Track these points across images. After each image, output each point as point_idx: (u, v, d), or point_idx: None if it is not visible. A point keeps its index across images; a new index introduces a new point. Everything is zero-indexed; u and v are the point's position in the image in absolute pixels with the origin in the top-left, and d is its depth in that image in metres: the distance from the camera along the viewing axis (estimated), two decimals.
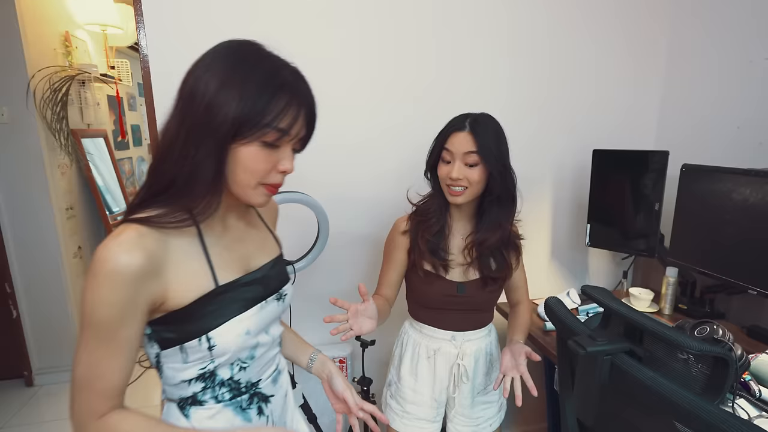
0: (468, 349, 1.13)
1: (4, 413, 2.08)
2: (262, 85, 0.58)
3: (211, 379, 0.67)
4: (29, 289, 2.19)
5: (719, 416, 0.60)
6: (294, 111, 0.60)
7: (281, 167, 0.63)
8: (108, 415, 0.59)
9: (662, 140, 1.66)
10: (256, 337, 0.69)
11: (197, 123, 0.58)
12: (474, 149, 0.99)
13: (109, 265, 0.54)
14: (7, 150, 2.04)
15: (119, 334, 0.57)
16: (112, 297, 0.55)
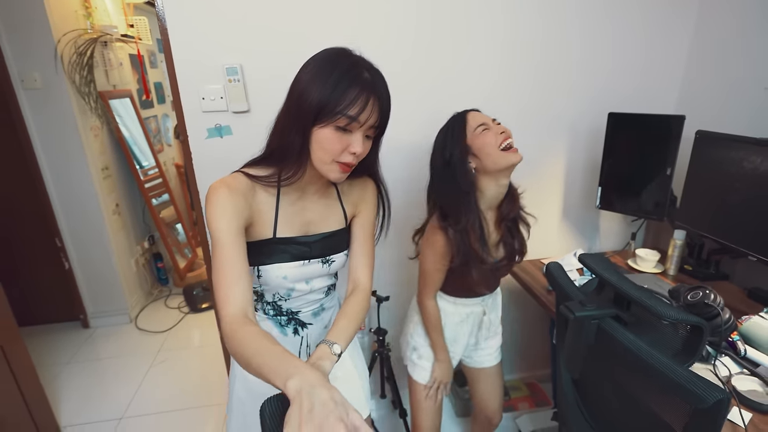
0: (491, 304, 1.29)
1: (67, 351, 2.37)
2: (339, 79, 0.72)
3: (260, 297, 0.93)
4: (77, 243, 2.39)
5: (684, 376, 0.68)
6: (363, 101, 0.72)
7: (352, 149, 0.76)
8: (240, 321, 0.67)
9: (684, 104, 1.62)
10: (293, 283, 0.89)
11: (292, 110, 0.76)
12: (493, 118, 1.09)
13: (218, 189, 0.76)
14: (44, 115, 2.15)
15: (236, 237, 0.74)
16: (224, 211, 0.74)
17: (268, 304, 0.94)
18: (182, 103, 1.35)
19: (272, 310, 0.94)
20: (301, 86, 0.74)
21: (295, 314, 0.96)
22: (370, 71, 0.75)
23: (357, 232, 0.95)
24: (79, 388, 2.07)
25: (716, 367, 1.01)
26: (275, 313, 0.95)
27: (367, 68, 0.75)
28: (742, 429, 0.86)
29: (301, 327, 0.97)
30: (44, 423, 1.71)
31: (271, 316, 0.95)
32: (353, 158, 0.77)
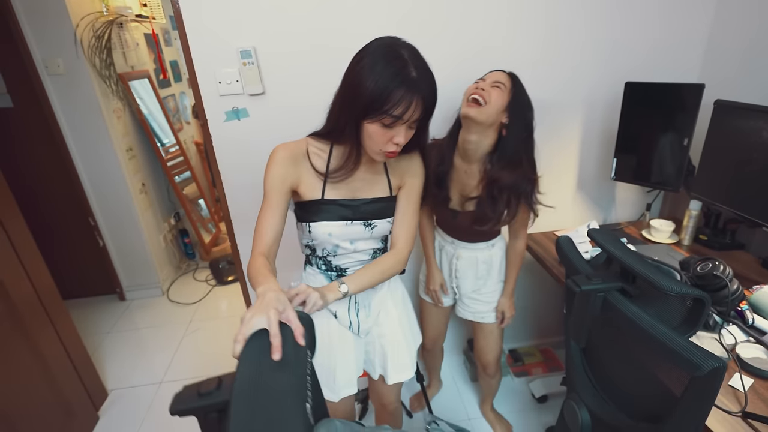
0: (463, 254, 1.39)
1: (106, 322, 2.55)
2: (387, 81, 0.80)
3: (313, 252, 1.07)
4: (109, 222, 2.52)
5: (682, 346, 0.72)
6: (407, 102, 0.81)
7: (395, 140, 0.87)
8: (257, 256, 0.88)
9: (706, 74, 1.57)
10: (338, 241, 1.01)
11: (346, 101, 0.86)
12: (504, 80, 1.15)
13: (276, 152, 0.94)
14: (69, 100, 2.23)
15: (275, 198, 0.92)
16: (274, 170, 0.93)
17: (320, 259, 1.07)
18: (200, 89, 1.39)
19: (324, 265, 1.07)
20: (355, 80, 0.83)
21: (344, 271, 1.07)
22: (417, 68, 0.81)
23: (402, 201, 1.05)
24: (120, 356, 2.24)
25: (722, 335, 1.04)
26: (326, 269, 1.08)
27: (415, 66, 0.81)
28: (742, 393, 0.90)
29: None
30: (93, 387, 1.88)
31: (323, 271, 1.08)
32: (397, 148, 0.88)
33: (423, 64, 0.84)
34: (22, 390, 1.46)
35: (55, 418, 1.61)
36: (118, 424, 1.85)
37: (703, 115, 1.33)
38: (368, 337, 1.15)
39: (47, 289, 1.64)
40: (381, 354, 1.16)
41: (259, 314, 0.66)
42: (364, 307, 1.11)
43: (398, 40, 0.85)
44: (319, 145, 0.97)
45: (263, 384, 0.56)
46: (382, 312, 1.14)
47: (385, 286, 1.14)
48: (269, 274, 0.82)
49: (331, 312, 1.10)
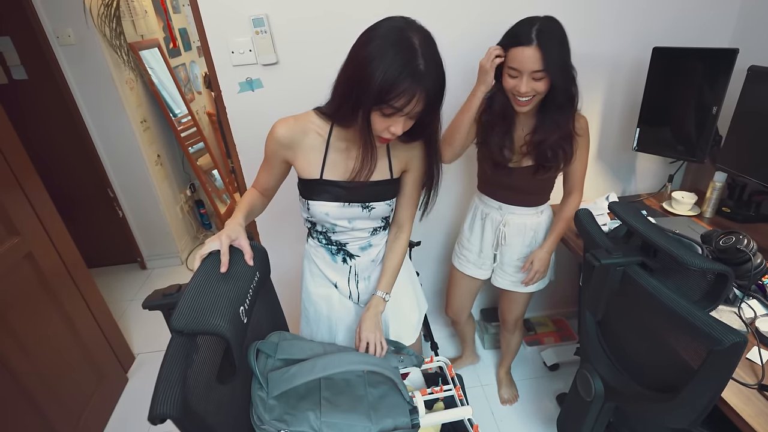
0: (511, 221, 1.36)
1: (129, 290, 2.65)
2: (394, 72, 0.77)
3: (313, 226, 1.08)
4: (127, 193, 2.56)
5: (704, 320, 0.72)
6: (409, 95, 0.79)
7: (392, 130, 0.85)
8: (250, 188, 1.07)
9: (739, 39, 1.48)
10: (335, 220, 1.02)
11: (351, 84, 0.83)
12: (541, 68, 1.04)
13: (274, 127, 0.96)
14: (81, 71, 2.22)
15: (270, 163, 1.01)
16: (268, 145, 0.98)
17: (320, 234, 1.08)
18: (213, 59, 1.37)
19: (324, 239, 1.09)
20: (362, 64, 0.79)
21: (343, 246, 1.08)
22: (426, 60, 0.78)
23: (406, 184, 1.06)
24: (145, 322, 2.34)
25: (741, 309, 1.04)
26: (326, 242, 1.09)
27: (424, 57, 0.78)
28: (759, 366, 0.91)
29: (349, 257, 1.10)
30: (121, 351, 1.97)
31: (323, 245, 1.10)
32: (391, 136, 0.87)
33: (433, 54, 0.80)
34: (56, 354, 1.54)
35: (88, 380, 1.71)
36: (146, 385, 1.95)
37: (734, 82, 1.27)
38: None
39: (73, 258, 1.70)
40: (384, 324, 1.18)
41: (216, 239, 0.85)
42: (364, 279, 1.13)
43: (412, 24, 0.81)
44: (320, 123, 0.96)
45: (207, 288, 0.75)
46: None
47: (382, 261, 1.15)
48: (242, 208, 0.98)
49: (332, 282, 1.13)
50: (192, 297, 0.72)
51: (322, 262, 1.12)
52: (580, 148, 1.22)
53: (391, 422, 0.87)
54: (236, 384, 0.81)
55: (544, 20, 1.05)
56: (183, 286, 0.77)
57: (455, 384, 1.06)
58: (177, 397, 0.58)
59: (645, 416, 1.05)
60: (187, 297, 0.71)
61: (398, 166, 1.02)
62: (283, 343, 0.98)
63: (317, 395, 0.89)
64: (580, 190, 1.33)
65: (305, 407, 0.85)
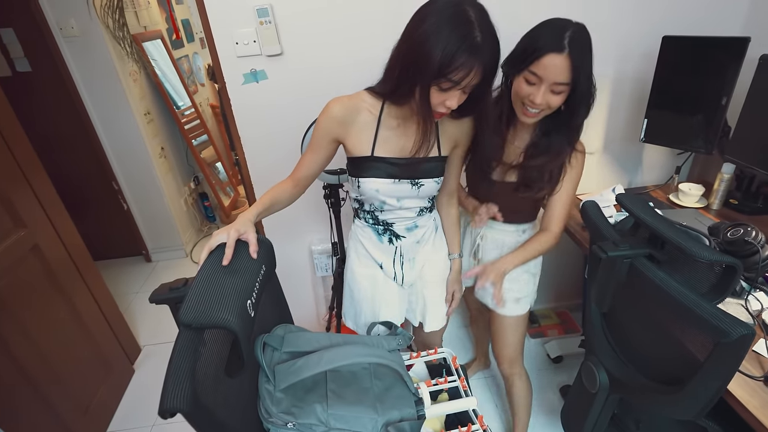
0: (488, 234, 1.25)
1: (135, 282, 2.66)
2: (451, 47, 0.77)
3: (361, 206, 1.11)
4: (131, 186, 2.57)
5: (711, 313, 0.72)
6: (467, 68, 0.80)
7: (447, 104, 0.86)
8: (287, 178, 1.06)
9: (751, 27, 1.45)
10: (384, 197, 1.03)
11: (408, 62, 0.84)
12: (567, 81, 0.93)
13: (326, 107, 0.97)
14: (85, 63, 2.21)
15: (319, 144, 1.00)
16: (321, 123, 0.98)
17: (368, 213, 1.10)
18: (217, 50, 1.36)
19: (371, 219, 1.11)
20: (419, 41, 0.80)
21: (390, 225, 1.10)
22: (483, 33, 0.79)
23: (457, 158, 1.10)
24: (151, 314, 2.35)
25: (748, 301, 1.03)
26: (374, 222, 1.11)
27: (481, 29, 0.78)
28: (766, 359, 0.90)
29: (396, 238, 1.12)
30: (127, 342, 1.99)
31: (370, 224, 1.12)
32: (446, 110, 0.88)
33: (489, 27, 0.80)
34: (63, 345, 1.56)
35: (95, 371, 1.73)
36: (152, 376, 1.97)
37: (744, 72, 1.25)
38: (412, 288, 1.21)
39: (79, 250, 1.71)
40: (422, 305, 1.23)
41: (223, 232, 0.85)
42: (409, 260, 1.15)
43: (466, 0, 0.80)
44: (371, 101, 0.97)
45: (214, 281, 0.75)
46: (426, 266, 1.19)
47: (430, 242, 1.17)
48: (259, 203, 0.98)
49: (377, 263, 1.15)
50: (200, 291, 0.72)
51: (369, 242, 1.13)
52: (568, 179, 1.10)
53: (398, 413, 0.87)
54: (244, 377, 0.82)
55: (577, 27, 0.93)
56: (189, 280, 0.77)
57: (459, 375, 1.07)
58: (187, 391, 0.58)
59: (650, 408, 1.05)
60: (194, 291, 0.71)
61: (447, 143, 1.04)
62: (288, 335, 0.98)
63: (323, 388, 0.89)
64: (556, 230, 1.16)
65: (312, 400, 0.85)
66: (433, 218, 1.17)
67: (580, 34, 0.92)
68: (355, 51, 1.39)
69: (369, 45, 1.37)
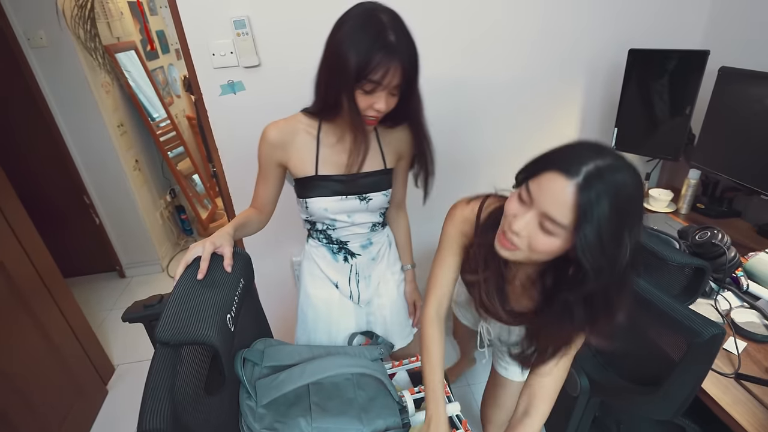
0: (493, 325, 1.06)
1: (108, 299, 2.57)
2: (366, 47, 0.79)
3: (313, 226, 1.08)
4: (104, 200, 2.49)
5: (684, 314, 0.75)
6: (385, 67, 0.80)
7: (376, 106, 0.86)
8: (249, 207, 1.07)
9: (710, 39, 1.53)
10: (334, 215, 1.02)
11: (331, 71, 0.86)
12: (563, 222, 0.62)
13: (263, 134, 0.97)
14: (54, 74, 2.15)
15: (266, 171, 1.01)
16: (261, 151, 0.99)
17: (320, 233, 1.08)
18: (193, 62, 1.34)
19: (324, 238, 1.09)
20: (336, 48, 0.83)
21: (344, 244, 1.09)
22: (396, 32, 0.80)
23: (401, 169, 1.09)
24: (125, 332, 2.27)
25: (717, 301, 1.07)
26: (327, 241, 1.09)
27: (393, 29, 0.80)
28: (736, 356, 0.94)
29: (351, 256, 1.11)
30: (100, 362, 1.91)
31: (324, 244, 1.10)
32: (377, 113, 0.87)
33: (402, 28, 0.82)
34: (32, 368, 1.49)
35: (66, 393, 1.65)
36: (127, 397, 1.90)
37: (706, 82, 1.32)
38: (369, 307, 1.19)
39: (48, 268, 1.64)
40: (382, 323, 1.20)
41: (199, 245, 0.84)
42: (365, 278, 1.14)
43: (378, 5, 0.84)
44: (308, 121, 0.98)
45: (191, 296, 0.73)
46: (381, 283, 1.17)
47: (384, 258, 1.16)
48: (235, 220, 0.98)
49: (333, 282, 1.13)
50: (177, 306, 0.70)
51: (323, 261, 1.11)
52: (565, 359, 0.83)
53: (383, 423, 0.86)
54: (224, 394, 0.80)
55: (609, 164, 0.61)
56: (165, 296, 0.76)
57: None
58: (166, 411, 0.57)
59: (629, 409, 1.07)
60: (171, 307, 0.69)
61: (391, 156, 1.04)
62: (268, 349, 0.96)
63: (307, 401, 0.88)
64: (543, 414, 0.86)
65: (296, 414, 0.84)
66: (386, 234, 1.17)
67: (612, 178, 0.60)
68: None
69: None
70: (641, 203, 0.66)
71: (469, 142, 1.63)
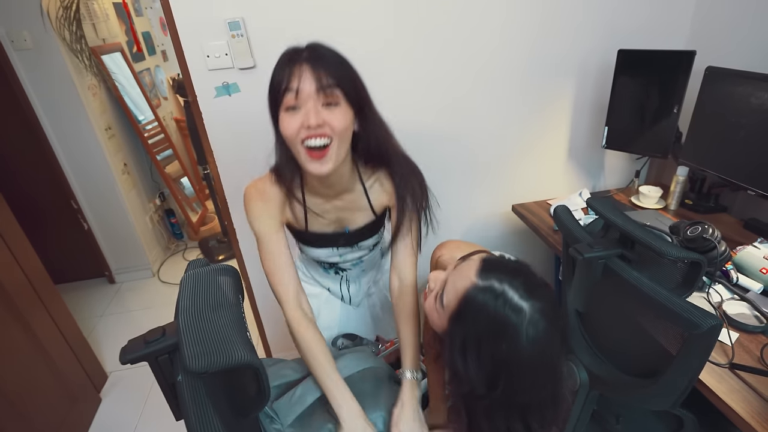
0: None
1: (99, 306, 2.52)
2: (278, 65, 0.77)
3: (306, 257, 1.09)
4: (92, 205, 2.45)
5: (682, 306, 0.77)
6: (298, 72, 0.73)
7: (305, 122, 0.74)
8: (299, 316, 0.91)
9: (695, 40, 1.58)
10: (326, 259, 1.05)
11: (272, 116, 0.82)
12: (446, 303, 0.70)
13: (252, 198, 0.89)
14: (39, 77, 2.11)
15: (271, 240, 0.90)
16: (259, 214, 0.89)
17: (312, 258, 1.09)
18: (187, 63, 1.33)
19: (315, 262, 1.10)
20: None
21: (336, 264, 1.10)
22: (309, 48, 0.77)
23: (394, 221, 0.97)
24: (116, 338, 2.23)
25: (709, 294, 1.11)
26: (318, 263, 1.10)
27: (308, 47, 0.77)
28: (729, 347, 0.97)
29: (342, 271, 1.13)
30: (93, 369, 1.87)
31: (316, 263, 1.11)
32: (309, 131, 0.75)
33: (318, 45, 0.78)
34: (23, 376, 1.45)
35: (59, 401, 1.62)
36: (120, 404, 1.86)
37: (693, 81, 1.35)
38: (361, 307, 1.23)
39: (38, 274, 1.60)
40: (375, 318, 1.25)
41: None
42: (355, 282, 1.17)
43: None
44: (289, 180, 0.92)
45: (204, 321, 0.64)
46: (372, 286, 1.22)
47: (375, 269, 1.20)
48: (326, 363, 0.86)
49: (324, 287, 1.17)
50: (195, 334, 0.62)
51: (315, 272, 1.15)
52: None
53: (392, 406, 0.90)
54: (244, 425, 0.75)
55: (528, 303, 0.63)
56: (167, 327, 0.66)
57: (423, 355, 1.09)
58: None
59: (628, 402, 1.09)
60: (189, 336, 0.61)
61: (379, 203, 0.98)
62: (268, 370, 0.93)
63: (322, 408, 0.89)
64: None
65: (319, 422, 0.86)
66: (379, 247, 1.15)
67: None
68: None
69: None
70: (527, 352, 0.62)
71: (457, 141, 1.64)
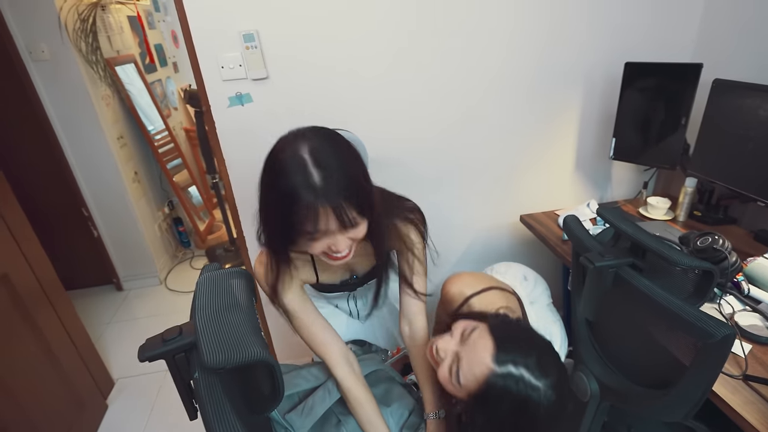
0: None
1: (106, 312, 2.53)
2: (286, 205, 0.69)
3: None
4: (102, 212, 2.48)
5: (695, 316, 0.77)
6: (314, 214, 0.68)
7: (333, 249, 0.75)
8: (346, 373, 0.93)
9: (701, 52, 1.60)
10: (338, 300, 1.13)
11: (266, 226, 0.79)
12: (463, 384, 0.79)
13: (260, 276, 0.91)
14: (56, 87, 2.15)
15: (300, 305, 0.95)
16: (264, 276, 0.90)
17: None
18: (202, 74, 1.36)
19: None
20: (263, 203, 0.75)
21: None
22: (319, 167, 0.67)
23: (402, 269, 0.99)
24: (123, 345, 2.24)
25: (721, 305, 1.10)
26: None
27: (317, 164, 0.67)
28: (742, 358, 0.96)
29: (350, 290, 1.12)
30: (100, 376, 1.88)
31: None
32: (340, 254, 0.76)
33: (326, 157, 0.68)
34: (32, 381, 1.46)
35: (67, 407, 1.62)
36: (127, 411, 1.86)
37: (701, 93, 1.37)
38: (370, 319, 1.22)
39: (50, 280, 1.62)
40: (385, 328, 1.24)
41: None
42: (362, 298, 1.17)
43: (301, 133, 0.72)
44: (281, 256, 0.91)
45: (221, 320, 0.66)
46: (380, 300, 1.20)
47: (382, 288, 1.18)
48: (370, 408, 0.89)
49: (332, 304, 1.18)
50: (212, 332, 0.65)
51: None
52: None
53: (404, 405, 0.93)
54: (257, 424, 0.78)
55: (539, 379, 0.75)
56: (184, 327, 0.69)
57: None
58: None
59: (640, 413, 1.08)
60: (206, 334, 0.65)
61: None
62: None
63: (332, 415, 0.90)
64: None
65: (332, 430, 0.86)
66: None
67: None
68: (340, 75, 1.43)
69: (353, 69, 1.42)
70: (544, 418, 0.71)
71: (466, 149, 1.65)
